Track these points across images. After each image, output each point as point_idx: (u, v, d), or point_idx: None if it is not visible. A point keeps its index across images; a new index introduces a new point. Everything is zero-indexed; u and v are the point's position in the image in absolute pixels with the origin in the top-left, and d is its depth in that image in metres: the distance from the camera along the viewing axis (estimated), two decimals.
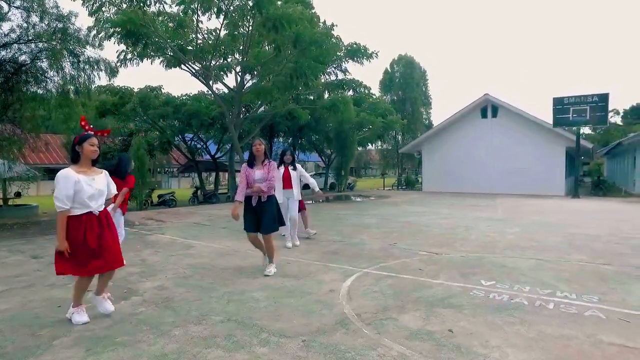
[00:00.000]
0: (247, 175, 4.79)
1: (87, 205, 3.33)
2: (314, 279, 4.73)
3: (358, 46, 17.95)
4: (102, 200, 3.50)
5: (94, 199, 3.39)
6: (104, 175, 3.60)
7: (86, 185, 3.31)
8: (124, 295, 4.10)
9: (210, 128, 21.70)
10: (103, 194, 3.50)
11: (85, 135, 3.44)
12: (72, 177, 3.25)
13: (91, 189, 3.34)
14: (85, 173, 3.37)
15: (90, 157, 3.43)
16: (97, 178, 3.46)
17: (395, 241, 7.17)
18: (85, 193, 3.30)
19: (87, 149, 3.38)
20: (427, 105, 45.47)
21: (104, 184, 3.52)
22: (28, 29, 10.20)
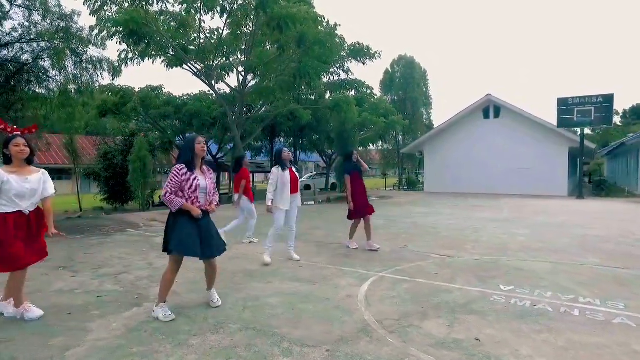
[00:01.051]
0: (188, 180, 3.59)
1: (15, 203, 3.39)
2: (329, 283, 4.62)
3: (361, 46, 17.86)
4: (35, 199, 3.53)
5: (25, 198, 3.44)
6: (41, 174, 3.61)
7: (16, 184, 3.38)
8: (135, 302, 3.98)
9: (211, 128, 21.56)
10: (35, 194, 3.52)
11: (9, 137, 3.49)
12: (0, 177, 3.33)
13: (22, 188, 3.40)
14: (17, 173, 3.44)
15: (20, 157, 3.46)
16: (30, 178, 3.49)
17: (405, 244, 7.07)
18: (14, 191, 3.36)
19: (13, 150, 3.43)
20: (427, 106, 45.48)
21: (38, 182, 3.54)
22: (30, 28, 10.07)
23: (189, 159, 3.62)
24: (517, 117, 20.31)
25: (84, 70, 10.39)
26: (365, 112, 23.83)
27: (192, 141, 3.66)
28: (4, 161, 3.50)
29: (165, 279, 3.63)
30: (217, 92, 16.88)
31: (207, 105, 20.34)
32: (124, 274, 5.04)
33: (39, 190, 3.54)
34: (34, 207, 3.54)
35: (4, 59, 10.30)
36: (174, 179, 3.54)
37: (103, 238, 7.89)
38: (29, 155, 3.52)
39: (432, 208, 13.39)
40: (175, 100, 20.55)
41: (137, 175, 14.16)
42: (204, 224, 3.65)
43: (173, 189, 3.54)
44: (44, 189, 3.60)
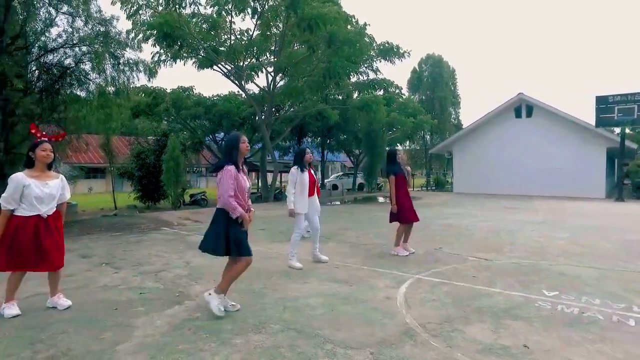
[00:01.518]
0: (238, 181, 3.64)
1: (35, 207, 3.52)
2: (366, 284, 4.58)
3: (390, 45, 17.70)
4: (53, 204, 3.66)
5: (43, 202, 3.56)
6: (60, 180, 3.74)
7: (36, 188, 3.50)
8: (176, 300, 4.06)
9: (240, 128, 21.85)
10: (54, 198, 3.66)
11: (37, 142, 3.62)
12: (22, 181, 3.47)
13: (41, 192, 3.52)
14: (38, 177, 3.56)
15: (44, 162, 3.60)
16: (50, 182, 3.63)
17: (440, 245, 6.95)
18: (34, 196, 3.49)
19: (40, 154, 3.55)
20: (456, 105, 44.74)
21: (57, 188, 3.68)
22: (73, 34, 10.46)
23: (235, 159, 3.60)
24: (551, 116, 19.68)
25: (121, 72, 10.69)
26: (394, 112, 23.65)
27: (238, 139, 3.65)
28: (26, 164, 3.63)
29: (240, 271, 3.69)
30: (246, 92, 17.08)
31: (236, 106, 20.64)
32: (163, 272, 5.16)
33: (57, 195, 3.69)
34: (52, 211, 3.66)
35: (49, 64, 10.74)
36: (231, 180, 3.49)
37: (140, 236, 8.11)
38: (52, 161, 3.68)
39: (463, 209, 13.12)
40: (205, 101, 20.95)
41: (170, 175, 14.50)
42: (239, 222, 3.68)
43: (233, 191, 3.49)
44: (61, 194, 3.75)
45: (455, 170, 24.02)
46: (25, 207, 3.51)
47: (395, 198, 6.16)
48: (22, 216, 3.50)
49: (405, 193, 6.24)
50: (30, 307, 3.86)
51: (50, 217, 3.63)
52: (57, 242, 3.71)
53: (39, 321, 3.51)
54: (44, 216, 3.57)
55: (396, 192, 6.19)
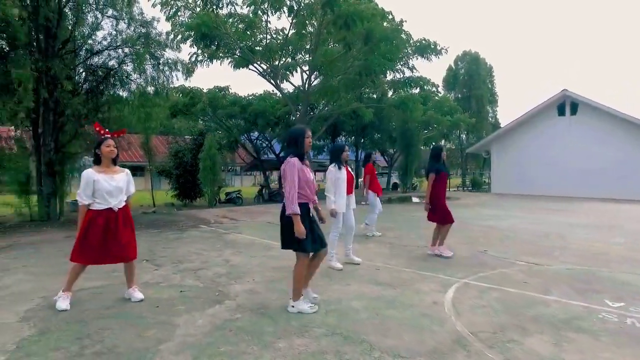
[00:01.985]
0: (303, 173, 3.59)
1: (106, 201, 3.71)
2: (410, 288, 4.38)
3: (427, 42, 17.23)
4: (122, 197, 3.84)
5: (113, 195, 3.74)
6: (125, 174, 3.94)
7: (105, 182, 3.70)
8: (217, 299, 4.01)
9: (275, 127, 21.97)
10: (122, 191, 3.84)
11: (101, 139, 3.82)
12: (91, 177, 3.68)
13: (109, 186, 3.72)
14: (105, 172, 3.76)
15: (109, 157, 3.79)
16: (116, 177, 3.82)
17: (484, 248, 6.63)
18: (104, 190, 3.69)
19: (104, 150, 3.76)
20: (493, 103, 43.34)
21: (124, 181, 3.87)
22: (117, 36, 10.80)
23: (301, 152, 3.59)
24: (598, 113, 18.57)
25: (161, 72, 10.93)
26: (430, 111, 23.10)
27: (302, 134, 3.63)
28: (94, 161, 3.85)
29: (300, 274, 3.65)
30: (282, 91, 17.10)
31: (271, 105, 20.73)
32: (202, 270, 5.15)
33: (124, 188, 3.87)
34: (121, 204, 3.83)
35: (95, 66, 11.14)
36: (294, 174, 3.46)
37: (179, 233, 8.22)
38: (117, 156, 3.88)
39: (504, 210, 12.59)
40: (240, 100, 21.17)
41: (206, 173, 14.73)
42: (312, 216, 3.68)
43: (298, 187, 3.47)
44: (127, 188, 3.93)
45: (493, 170, 23.18)
46: (98, 201, 3.70)
47: (436, 197, 5.94)
48: (96, 210, 3.69)
49: (444, 192, 6.02)
50: (79, 301, 3.92)
51: (120, 211, 3.81)
52: (130, 235, 3.88)
53: (86, 315, 3.55)
54: (115, 209, 3.75)
55: (436, 191, 5.96)
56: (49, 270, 5.17)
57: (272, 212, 12.19)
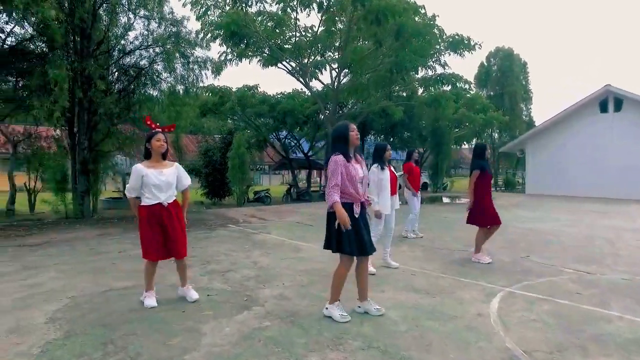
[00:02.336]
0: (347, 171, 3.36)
1: (155, 195, 3.66)
2: (451, 296, 4.08)
3: (460, 37, 16.63)
4: (171, 191, 3.78)
5: (162, 190, 3.68)
6: (175, 168, 3.86)
7: (154, 177, 3.64)
8: (245, 304, 3.83)
9: (303, 126, 21.83)
10: (171, 185, 3.76)
11: (151, 133, 3.77)
12: (140, 171, 3.65)
13: (158, 181, 3.66)
14: (154, 167, 3.72)
15: (159, 152, 3.73)
16: (165, 171, 3.75)
17: (526, 253, 6.21)
18: (153, 184, 3.64)
19: (155, 144, 3.71)
20: (527, 101, 41.81)
21: (173, 175, 3.79)
22: (148, 36, 10.91)
23: (345, 150, 3.41)
24: None
25: (191, 70, 10.95)
26: (462, 108, 22.41)
27: (346, 129, 3.45)
28: (145, 156, 3.82)
29: (341, 276, 3.46)
30: (311, 89, 16.92)
31: (300, 103, 20.60)
32: (230, 272, 5.00)
33: (173, 183, 3.80)
34: (171, 199, 3.78)
35: (127, 66, 11.29)
36: (336, 172, 3.32)
37: (208, 232, 8.15)
38: (166, 150, 3.82)
39: (542, 212, 11.94)
40: (269, 99, 21.13)
41: (235, 172, 14.73)
42: (362, 217, 3.45)
43: (339, 182, 3.32)
44: (179, 181, 3.86)
45: (528, 170, 22.23)
46: (147, 196, 3.67)
47: (479, 198, 5.58)
48: (147, 205, 3.67)
49: (488, 193, 5.62)
50: (107, 301, 3.84)
51: (170, 206, 3.75)
52: (181, 230, 3.82)
53: (112, 319, 3.44)
54: (164, 204, 3.70)
55: (478, 190, 5.61)
56: (80, 269, 5.15)
57: (300, 211, 12.03)
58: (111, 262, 5.53)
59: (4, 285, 4.42)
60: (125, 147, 11.78)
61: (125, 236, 7.66)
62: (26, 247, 6.64)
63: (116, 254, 6.09)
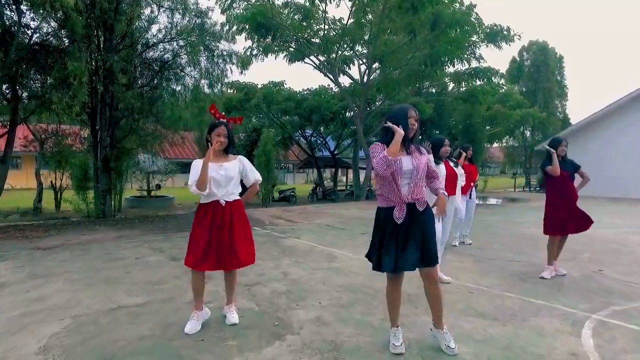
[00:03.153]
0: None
1: (212, 192, 3.13)
2: (526, 325, 3.31)
3: (499, 27, 15.56)
4: (232, 188, 3.21)
5: (220, 185, 3.15)
6: (238, 161, 3.29)
7: (212, 171, 3.11)
8: (276, 332, 3.17)
9: (330, 123, 21.14)
10: (231, 180, 3.20)
11: (214, 124, 3.22)
12: (198, 165, 3.09)
13: (217, 175, 3.13)
14: (214, 161, 3.15)
15: (217, 148, 3.15)
16: (226, 164, 3.20)
17: (597, 266, 5.34)
18: (211, 178, 3.10)
19: (213, 139, 3.16)
20: (562, 97, 39.92)
21: (235, 170, 3.23)
22: (171, 29, 10.46)
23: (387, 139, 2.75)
24: None
25: (215, 64, 10.44)
26: (498, 104, 21.28)
27: (403, 113, 2.77)
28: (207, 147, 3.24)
29: (387, 294, 2.89)
30: (340, 85, 16.22)
31: (327, 100, 19.93)
32: (258, 285, 4.36)
33: (235, 178, 3.23)
34: (230, 196, 3.20)
35: (150, 59, 10.88)
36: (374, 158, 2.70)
37: None
38: (228, 146, 3.24)
39: (594, 216, 10.80)
40: (295, 96, 20.54)
41: (260, 170, 14.17)
42: (406, 224, 2.72)
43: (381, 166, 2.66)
44: (244, 176, 3.33)
45: None
46: (204, 193, 3.13)
47: (548, 202, 4.81)
48: (203, 203, 3.20)
49: (563, 195, 4.79)
50: (114, 323, 3.27)
51: (229, 205, 3.18)
52: (233, 237, 3.16)
53: (116, 348, 2.84)
54: (222, 202, 3.15)
55: (550, 191, 4.84)
56: (91, 279, 4.62)
57: (329, 212, 11.36)
58: (125, 270, 4.99)
59: (5, 300, 3.90)
60: (147, 144, 11.38)
61: (143, 239, 7.16)
62: (40, 250, 6.20)
63: (132, 260, 5.55)
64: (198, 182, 3.04)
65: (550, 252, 4.87)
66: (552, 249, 4.86)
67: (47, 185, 14.01)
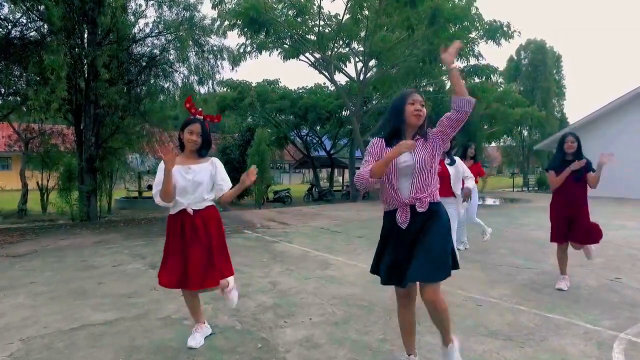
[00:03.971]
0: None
1: (178, 202, 2.72)
2: (545, 346, 2.89)
3: (499, 24, 15.16)
4: (200, 194, 2.75)
5: (187, 192, 2.72)
6: (210, 164, 2.83)
7: (179, 177, 2.68)
8: (257, 357, 2.72)
9: (326, 122, 20.74)
10: (199, 186, 2.74)
11: (188, 120, 2.78)
12: (160, 168, 2.69)
13: (183, 180, 2.70)
14: (183, 163, 2.74)
15: (190, 148, 2.77)
16: (195, 167, 2.76)
17: (614, 274, 4.93)
18: (177, 186, 2.68)
19: (186, 137, 2.75)
20: (560, 96, 39.87)
21: (204, 174, 2.78)
22: (159, 23, 10.01)
23: (397, 126, 2.33)
24: None
25: (205, 60, 9.98)
26: (495, 103, 20.93)
27: (401, 100, 2.34)
28: (180, 147, 2.89)
29: (398, 314, 2.46)
30: (336, 83, 15.80)
31: (322, 98, 19.53)
32: (243, 298, 3.90)
33: (204, 183, 2.78)
34: (199, 204, 2.76)
35: (137, 55, 10.42)
36: (367, 156, 2.33)
37: None
38: (201, 147, 2.80)
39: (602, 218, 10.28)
40: (290, 94, 20.14)
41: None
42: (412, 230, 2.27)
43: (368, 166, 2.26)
44: (215, 182, 2.84)
45: None
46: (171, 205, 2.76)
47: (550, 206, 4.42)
48: (171, 215, 2.79)
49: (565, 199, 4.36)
50: (75, 345, 2.81)
51: (198, 215, 2.75)
52: (203, 251, 2.71)
53: None
54: (189, 212, 2.72)
55: (553, 193, 4.44)
56: (57, 291, 4.16)
57: (325, 214, 10.91)
58: (99, 280, 4.53)
59: None
60: (134, 143, 10.91)
61: (124, 244, 6.69)
62: (9, 258, 5.74)
63: (108, 268, 5.10)
64: (162, 193, 2.64)
65: (559, 261, 4.44)
66: (560, 257, 4.43)
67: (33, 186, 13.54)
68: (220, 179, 2.85)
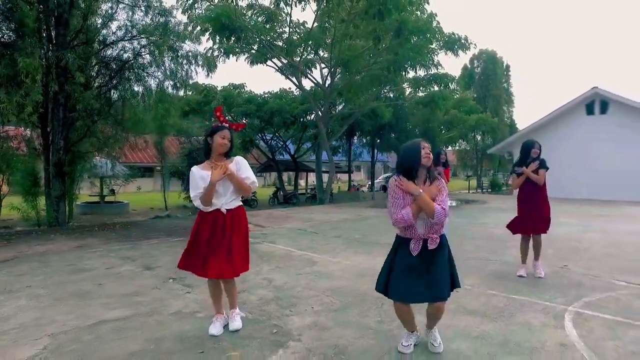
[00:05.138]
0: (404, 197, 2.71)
1: (214, 203, 3.09)
2: (514, 320, 3.45)
3: (457, 36, 16.21)
4: (230, 196, 3.15)
5: (220, 195, 3.10)
6: (234, 164, 3.17)
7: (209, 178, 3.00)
8: (276, 339, 3.08)
9: (291, 126, 21.09)
10: (230, 188, 3.14)
11: (217, 127, 3.17)
12: (197, 175, 3.10)
13: (217, 185, 3.04)
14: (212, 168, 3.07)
15: (220, 150, 3.14)
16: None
17: (562, 262, 5.67)
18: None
19: (218, 141, 3.10)
20: (509, 104, 42.38)
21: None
22: (132, 27, 9.98)
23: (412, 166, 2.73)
24: (631, 111, 17.48)
25: (180, 65, 10.07)
26: (453, 110, 22.18)
27: (417, 146, 2.74)
28: (205, 153, 3.24)
29: (397, 313, 2.89)
30: (303, 88, 16.22)
31: (288, 103, 19.87)
32: (244, 293, 4.23)
33: (229, 185, 3.15)
34: (230, 204, 3.15)
35: (109, 58, 10.32)
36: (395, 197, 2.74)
37: None
38: (228, 150, 3.20)
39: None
40: (256, 98, 20.32)
41: None
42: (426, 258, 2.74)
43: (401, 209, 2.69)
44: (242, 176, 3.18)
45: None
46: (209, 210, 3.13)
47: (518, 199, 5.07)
48: (202, 212, 3.16)
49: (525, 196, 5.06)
50: (98, 341, 3.03)
51: (229, 213, 3.13)
52: (232, 245, 3.10)
53: None
54: (223, 211, 3.10)
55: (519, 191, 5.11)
56: (57, 293, 4.28)
57: (296, 216, 11.28)
58: (97, 282, 4.67)
59: None
60: (107, 147, 10.76)
61: (108, 248, 6.75)
62: None
63: (102, 271, 5.22)
64: (203, 201, 3.05)
65: (522, 251, 5.11)
66: (523, 247, 5.11)
67: None
68: (243, 171, 3.19)
